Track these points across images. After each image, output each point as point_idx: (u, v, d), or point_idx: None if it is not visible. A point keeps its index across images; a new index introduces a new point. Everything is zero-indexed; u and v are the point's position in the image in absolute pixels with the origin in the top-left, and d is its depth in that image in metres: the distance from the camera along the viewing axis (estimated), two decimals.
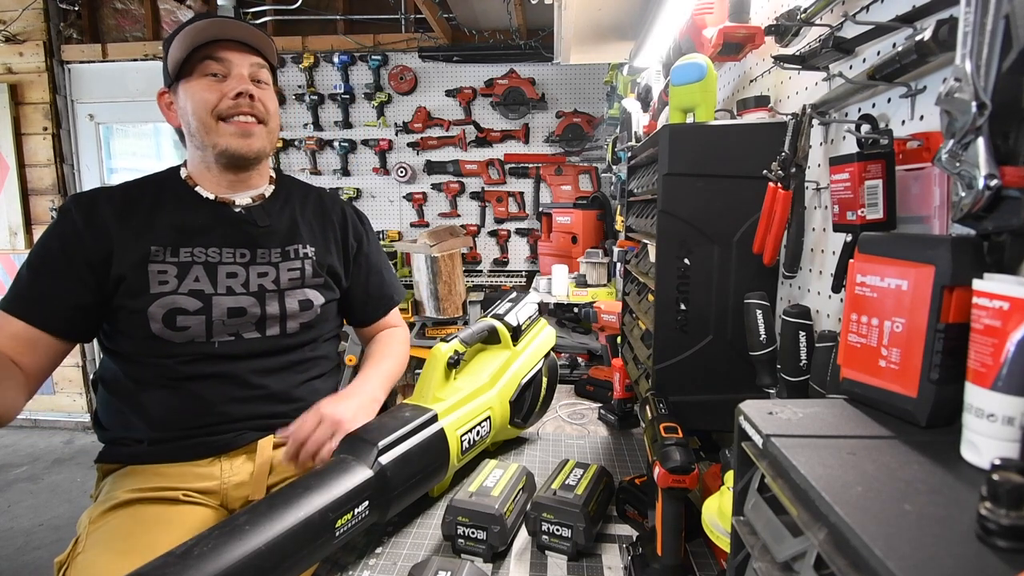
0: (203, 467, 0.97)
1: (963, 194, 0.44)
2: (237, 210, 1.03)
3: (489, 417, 1.02)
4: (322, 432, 0.89)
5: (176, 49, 0.95)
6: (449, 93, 3.31)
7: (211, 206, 1.02)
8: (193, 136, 1.00)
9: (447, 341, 1.00)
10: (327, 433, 0.89)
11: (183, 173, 1.05)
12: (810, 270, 0.87)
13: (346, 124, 3.34)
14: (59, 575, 0.85)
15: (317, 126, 3.36)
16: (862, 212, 0.63)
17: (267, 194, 1.08)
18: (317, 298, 1.07)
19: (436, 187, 3.38)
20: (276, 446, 1.02)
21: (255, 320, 1.00)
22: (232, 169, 1.03)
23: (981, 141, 0.42)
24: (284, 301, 1.03)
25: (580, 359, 2.46)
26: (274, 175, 1.13)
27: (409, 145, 3.37)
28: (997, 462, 0.29)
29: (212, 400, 0.96)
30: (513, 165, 3.35)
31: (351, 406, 0.95)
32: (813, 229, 0.86)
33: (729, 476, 0.62)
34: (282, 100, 3.33)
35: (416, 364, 2.86)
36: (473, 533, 0.79)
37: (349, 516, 0.73)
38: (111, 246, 0.93)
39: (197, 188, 1.03)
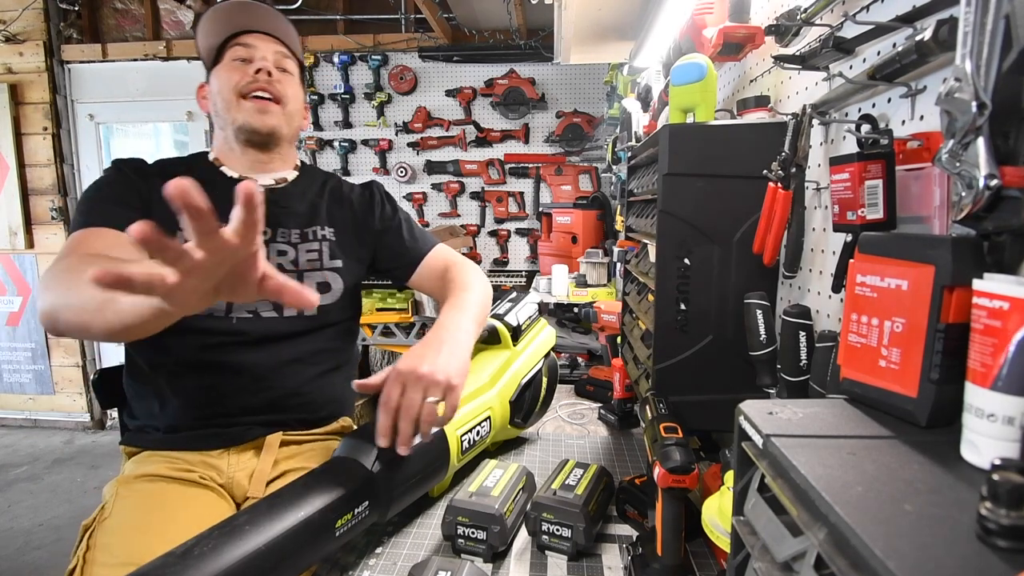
0: (213, 458, 0.98)
1: (963, 194, 0.44)
2: (259, 189, 1.04)
3: (489, 417, 1.02)
4: (412, 397, 0.77)
5: (207, 37, 1.02)
6: (449, 93, 3.31)
7: (235, 185, 1.02)
8: (219, 115, 1.04)
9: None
10: (418, 395, 0.77)
11: (210, 156, 1.08)
12: (810, 270, 0.87)
13: (346, 124, 3.34)
14: (83, 536, 0.86)
15: (317, 126, 3.36)
16: (862, 212, 0.63)
17: (289, 179, 1.11)
18: (336, 281, 1.08)
19: (436, 187, 3.38)
20: (283, 443, 1.02)
21: None
22: (253, 147, 1.06)
23: (981, 141, 0.42)
24: (303, 282, 1.03)
25: (580, 359, 2.45)
26: (299, 164, 1.16)
27: (409, 145, 3.37)
28: (997, 462, 0.29)
29: (225, 392, 0.98)
30: (513, 165, 3.35)
31: (433, 354, 0.82)
32: (813, 229, 0.86)
33: (729, 476, 0.62)
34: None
35: None
36: (473, 533, 0.79)
37: (349, 516, 0.73)
38: (151, 211, 0.95)
39: (223, 168, 1.06)
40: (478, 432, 0.99)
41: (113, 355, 3.64)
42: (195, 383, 0.97)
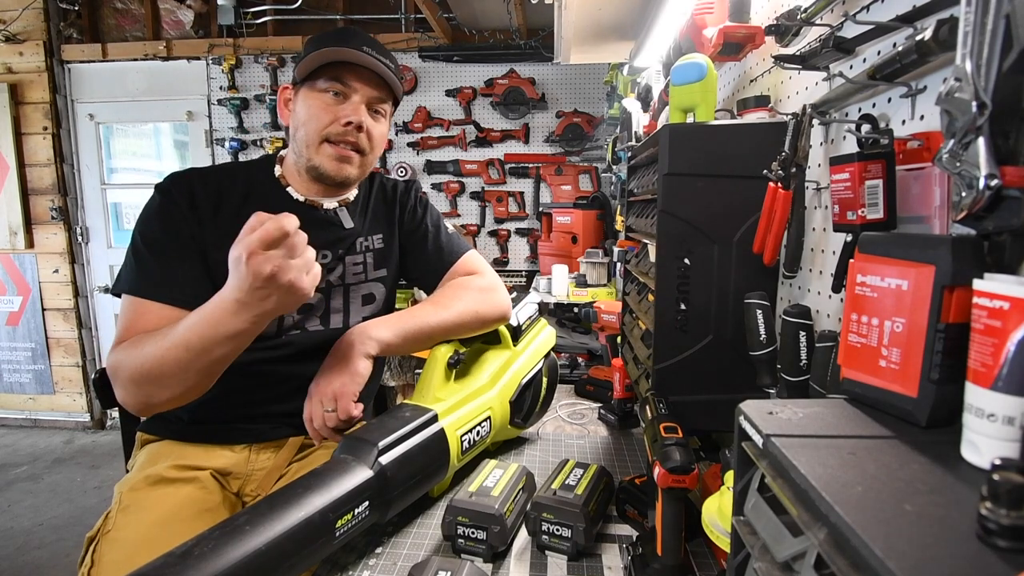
0: (235, 452, 1.00)
1: (963, 194, 0.44)
2: (324, 212, 1.04)
3: (489, 417, 1.02)
4: (314, 409, 0.89)
5: (311, 58, 0.95)
6: (449, 93, 3.31)
7: (299, 207, 1.03)
8: (296, 143, 1.01)
9: (447, 341, 1.00)
10: (318, 408, 0.89)
11: (277, 171, 1.05)
12: (810, 270, 0.87)
13: None
14: (88, 550, 0.86)
15: None
16: (862, 212, 0.63)
17: (351, 198, 1.09)
18: (379, 291, 1.09)
19: (436, 187, 3.38)
20: (303, 447, 1.04)
21: (320, 313, 1.03)
22: (320, 183, 1.03)
23: (981, 141, 0.42)
24: (349, 295, 1.05)
25: (580, 359, 2.45)
26: None
27: (409, 145, 3.37)
28: (997, 462, 0.29)
29: (263, 397, 0.99)
30: (513, 165, 3.35)
31: (323, 375, 0.92)
32: (813, 229, 0.86)
33: (729, 476, 0.62)
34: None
35: (416, 364, 2.86)
36: (473, 533, 0.79)
37: (349, 516, 0.73)
38: (205, 234, 0.95)
39: (288, 188, 1.03)
40: (478, 432, 0.99)
41: None
42: (233, 385, 0.95)
